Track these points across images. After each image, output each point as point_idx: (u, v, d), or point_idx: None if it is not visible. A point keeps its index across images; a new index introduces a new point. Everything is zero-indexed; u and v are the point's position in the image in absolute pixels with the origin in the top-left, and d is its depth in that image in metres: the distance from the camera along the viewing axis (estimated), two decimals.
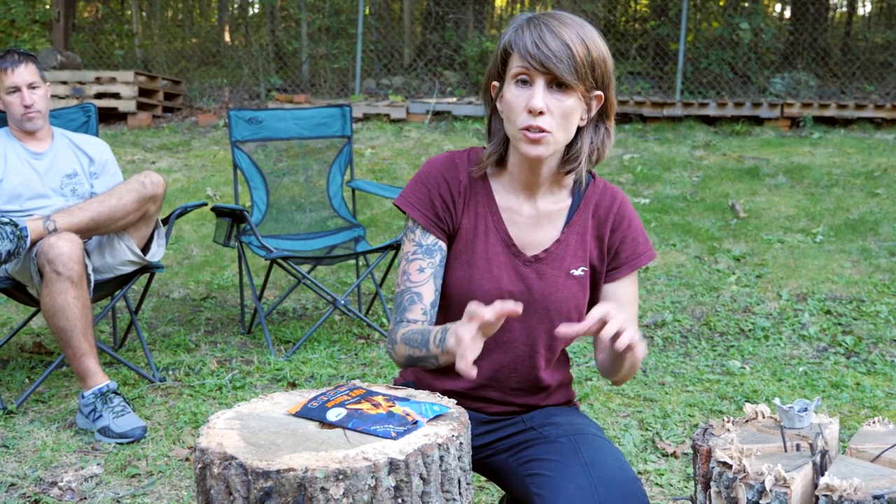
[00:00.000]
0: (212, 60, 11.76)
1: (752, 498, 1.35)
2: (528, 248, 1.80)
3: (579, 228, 1.81)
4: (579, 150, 1.74)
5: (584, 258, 1.81)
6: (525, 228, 1.80)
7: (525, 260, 1.79)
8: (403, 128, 8.76)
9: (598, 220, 1.82)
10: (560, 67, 1.62)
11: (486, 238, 1.79)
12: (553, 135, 1.66)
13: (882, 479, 1.34)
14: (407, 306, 1.74)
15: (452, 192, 1.78)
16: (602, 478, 1.63)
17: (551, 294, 1.78)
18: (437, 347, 1.62)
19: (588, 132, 1.75)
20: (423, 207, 1.78)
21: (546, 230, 1.80)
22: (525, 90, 1.65)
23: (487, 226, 1.79)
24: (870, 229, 5.57)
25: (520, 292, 1.77)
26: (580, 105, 1.68)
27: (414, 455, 1.34)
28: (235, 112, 4.30)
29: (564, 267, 1.79)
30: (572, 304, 1.80)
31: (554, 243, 1.80)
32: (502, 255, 1.78)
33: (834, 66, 10.84)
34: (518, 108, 1.66)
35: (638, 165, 7.29)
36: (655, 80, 10.35)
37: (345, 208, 4.50)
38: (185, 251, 5.45)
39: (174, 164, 7.51)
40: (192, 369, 3.72)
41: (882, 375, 3.70)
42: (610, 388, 3.53)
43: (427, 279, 1.76)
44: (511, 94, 1.67)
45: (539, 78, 1.64)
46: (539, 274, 1.78)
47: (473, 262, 1.78)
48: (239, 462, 1.32)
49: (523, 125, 1.65)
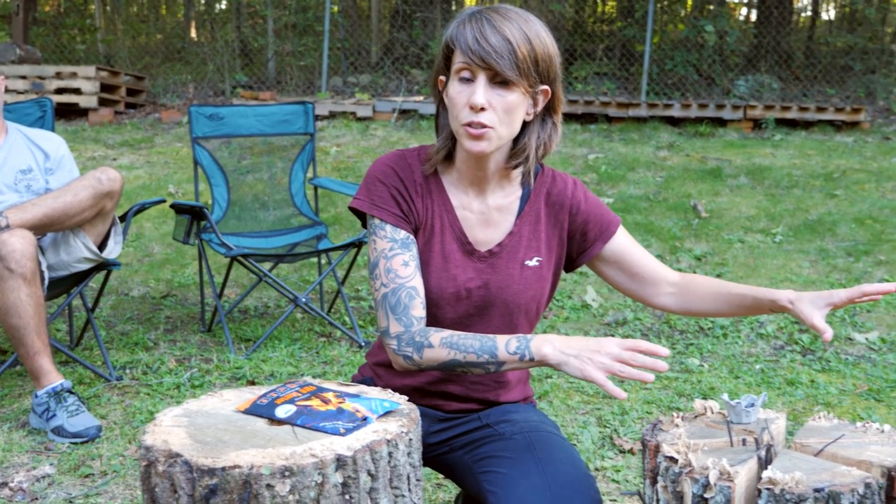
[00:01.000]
0: (176, 56, 11.65)
1: (698, 492, 1.36)
2: (481, 244, 1.79)
3: (532, 219, 1.81)
4: (526, 144, 1.73)
5: (538, 248, 1.81)
6: (477, 225, 1.80)
7: (480, 256, 1.78)
8: (370, 126, 8.74)
9: (552, 209, 1.82)
10: (501, 63, 1.61)
11: (443, 236, 1.78)
12: (496, 130, 1.66)
13: (823, 473, 1.35)
14: (408, 303, 1.69)
15: (409, 191, 1.77)
16: (555, 476, 1.64)
17: (508, 287, 1.78)
18: (514, 354, 1.59)
19: (535, 126, 1.74)
20: (386, 205, 1.75)
21: (498, 224, 1.80)
22: (467, 86, 1.65)
23: (443, 224, 1.78)
24: (828, 230, 5.65)
25: (477, 289, 1.77)
26: (524, 100, 1.67)
27: (362, 451, 1.34)
28: (196, 108, 4.26)
29: (519, 259, 1.79)
30: (530, 294, 1.80)
31: (507, 236, 1.79)
32: (458, 253, 1.78)
33: (796, 69, 10.98)
34: (460, 103, 1.65)
35: (602, 165, 7.33)
36: (621, 81, 10.42)
37: (307, 206, 4.48)
38: (145, 249, 5.40)
39: (136, 160, 7.43)
40: (150, 368, 3.68)
41: (836, 373, 3.75)
42: (569, 385, 3.55)
43: (415, 272, 1.72)
44: (454, 90, 1.67)
45: (481, 74, 1.63)
46: (494, 268, 1.78)
47: (430, 261, 1.77)
48: (184, 459, 1.31)
49: (465, 121, 1.65)
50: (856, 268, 5.01)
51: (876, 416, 3.29)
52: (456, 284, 1.76)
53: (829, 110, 9.05)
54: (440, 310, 1.76)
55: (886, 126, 9.16)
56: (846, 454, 1.44)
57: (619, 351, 1.51)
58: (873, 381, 3.65)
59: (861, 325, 4.28)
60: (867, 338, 4.14)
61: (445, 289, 1.75)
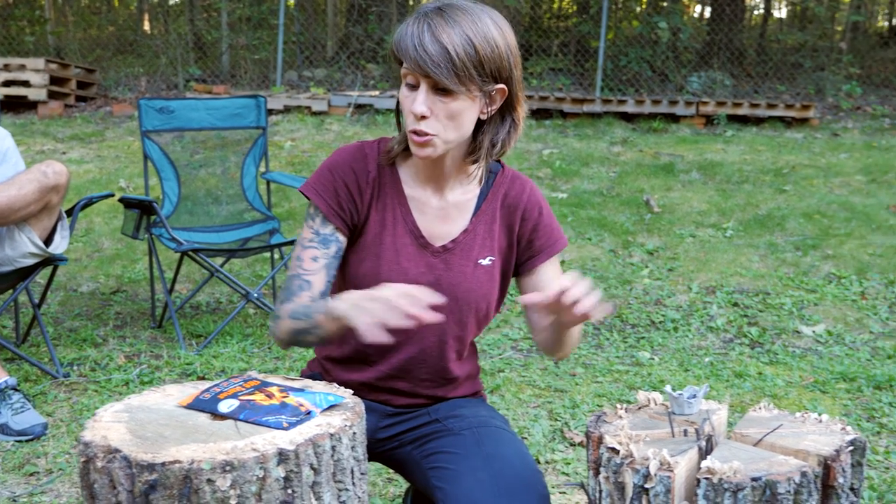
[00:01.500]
0: (129, 49, 11.49)
1: (638, 482, 1.37)
2: (436, 239, 1.79)
3: (487, 218, 1.80)
4: (481, 142, 1.73)
5: (492, 248, 1.80)
6: (433, 219, 1.79)
7: (433, 251, 1.78)
8: (325, 121, 8.70)
9: (507, 210, 1.82)
10: (438, 73, 1.58)
11: (395, 230, 1.77)
12: (439, 137, 1.64)
13: (761, 462, 1.38)
14: (296, 291, 1.72)
15: (360, 183, 1.76)
16: (502, 470, 1.64)
17: (459, 284, 1.77)
18: (321, 313, 1.62)
19: (493, 125, 1.71)
20: (326, 195, 1.75)
21: (455, 221, 1.79)
22: (412, 92, 1.64)
23: (395, 217, 1.77)
24: (777, 224, 5.74)
25: (428, 283, 1.75)
26: (472, 104, 1.64)
27: (304, 445, 1.33)
28: (146, 101, 4.20)
29: (472, 257, 1.79)
30: (480, 293, 1.80)
31: (462, 233, 1.79)
32: (410, 247, 1.77)
33: (748, 66, 11.13)
34: (406, 109, 1.66)
35: (557, 160, 7.37)
36: (576, 77, 10.48)
37: (259, 200, 4.44)
38: (95, 244, 5.32)
39: (86, 154, 7.31)
40: (99, 364, 3.63)
41: (783, 365, 3.81)
42: (521, 379, 3.57)
43: (319, 269, 1.73)
44: (402, 95, 1.66)
45: (423, 81, 1.62)
46: (447, 264, 1.77)
47: (381, 254, 1.76)
48: (123, 455, 1.29)
49: (410, 128, 1.65)
50: (804, 262, 5.10)
51: (821, 407, 3.35)
52: (407, 278, 1.74)
53: (779, 107, 9.19)
54: None
55: (835, 122, 9.32)
56: (784, 444, 1.47)
57: (394, 298, 1.50)
58: (819, 373, 3.72)
59: (808, 318, 4.36)
60: (814, 331, 4.22)
61: (396, 282, 1.74)
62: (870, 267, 4.98)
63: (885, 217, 5.86)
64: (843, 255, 5.17)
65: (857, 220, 5.80)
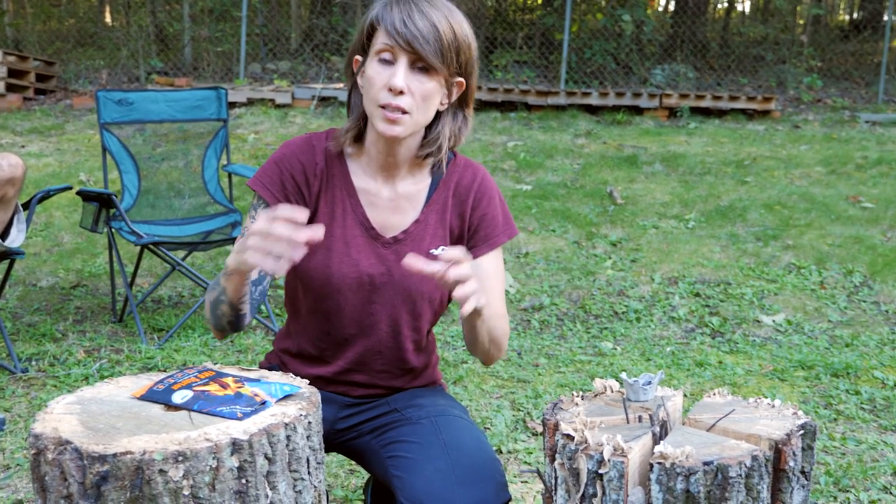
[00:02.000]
0: (89, 41, 11.34)
1: (593, 468, 1.38)
2: (387, 230, 1.77)
3: (439, 207, 1.79)
4: (439, 133, 1.72)
5: (444, 237, 1.79)
6: (384, 211, 1.78)
7: (384, 242, 1.76)
8: (288, 113, 8.65)
9: (458, 199, 1.81)
10: (426, 49, 1.60)
11: (344, 221, 1.76)
12: (412, 116, 1.64)
13: (714, 447, 1.39)
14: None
15: (307, 175, 1.74)
16: (460, 459, 1.65)
17: (412, 275, 1.75)
18: (223, 275, 1.62)
19: (447, 117, 1.74)
20: (272, 187, 1.74)
21: (406, 211, 1.78)
22: (387, 68, 1.63)
23: (345, 209, 1.76)
24: (738, 215, 5.80)
25: (380, 275, 1.75)
26: (441, 89, 1.67)
27: (258, 435, 1.32)
28: (104, 93, 4.15)
29: (424, 247, 1.77)
30: (433, 283, 1.78)
31: (413, 224, 1.78)
32: (360, 238, 1.76)
33: (711, 59, 11.23)
34: (378, 84, 1.63)
35: (521, 153, 7.39)
36: (541, 70, 10.51)
37: (220, 193, 4.41)
38: (54, 238, 5.25)
39: (46, 148, 7.21)
40: (58, 359, 3.59)
41: (743, 354, 3.86)
42: (484, 370, 3.58)
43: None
44: (373, 70, 1.64)
45: (403, 57, 1.62)
46: (398, 255, 1.75)
47: (332, 245, 1.74)
48: (74, 447, 1.28)
49: (382, 102, 1.63)
50: (764, 252, 5.16)
51: (780, 395, 3.40)
52: (358, 270, 1.74)
53: (741, 99, 9.28)
54: (342, 295, 1.74)
55: (796, 115, 9.44)
56: (737, 428, 1.48)
57: (266, 226, 1.44)
58: (778, 361, 3.77)
59: (768, 307, 4.41)
60: (774, 320, 4.27)
61: (347, 274, 1.73)
62: (829, 257, 5.05)
63: (843, 208, 5.95)
64: (803, 245, 5.24)
65: (817, 210, 5.88)
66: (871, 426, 3.16)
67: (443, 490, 1.59)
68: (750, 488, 1.35)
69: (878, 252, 5.11)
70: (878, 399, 3.38)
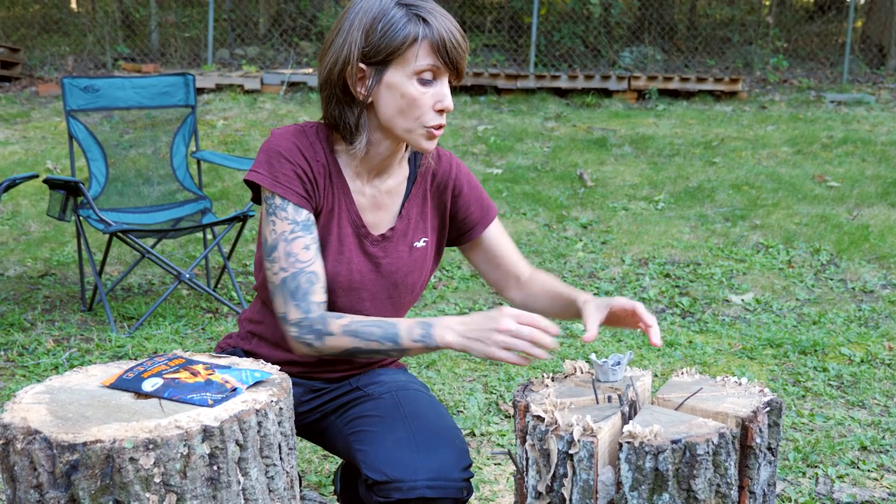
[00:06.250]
0: (55, 28, 11.17)
1: (563, 448, 1.40)
2: (374, 228, 1.78)
3: (419, 200, 1.82)
4: None
5: (424, 229, 1.82)
6: (369, 208, 1.77)
7: (373, 240, 1.77)
8: (258, 99, 8.59)
9: (437, 189, 1.84)
10: (463, 65, 1.65)
11: (339, 220, 1.75)
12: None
13: (681, 425, 1.41)
14: (308, 289, 1.63)
15: (314, 171, 1.70)
16: (420, 428, 1.68)
17: (398, 270, 1.79)
18: (418, 342, 1.58)
19: None
20: (291, 184, 1.66)
21: (388, 207, 1.79)
22: (430, 87, 1.63)
23: (340, 208, 1.75)
24: (707, 196, 5.85)
25: (369, 272, 1.77)
26: None
27: (229, 422, 1.33)
28: (70, 80, 4.10)
29: (408, 241, 1.80)
30: (416, 274, 1.82)
31: (398, 220, 1.79)
32: (351, 237, 1.75)
33: (679, 41, 11.28)
34: (425, 106, 1.62)
35: (491, 136, 7.39)
36: (510, 53, 10.51)
37: (189, 180, 4.38)
38: (22, 227, 5.19)
39: (11, 136, 7.12)
40: (27, 349, 3.56)
41: (713, 333, 3.90)
42: (457, 353, 3.59)
43: (315, 256, 1.66)
44: (415, 90, 1.61)
45: (446, 75, 1.64)
46: (386, 252, 1.78)
47: (327, 244, 1.74)
48: (43, 436, 1.27)
49: (433, 123, 1.64)
50: (733, 232, 5.20)
51: (749, 373, 3.44)
52: (350, 268, 1.74)
53: (708, 81, 9.34)
54: (333, 294, 1.74)
55: (762, 95, 9.51)
56: (705, 407, 1.50)
57: (517, 326, 1.52)
58: (747, 340, 3.81)
59: (737, 287, 4.46)
60: (743, 299, 4.32)
61: (340, 273, 1.73)
62: (796, 236, 5.11)
63: (810, 187, 6.01)
64: (771, 224, 5.30)
65: (784, 190, 5.94)
66: (838, 402, 3.21)
67: (404, 457, 1.61)
68: (717, 465, 1.37)
69: (844, 230, 5.18)
70: (845, 375, 3.43)
